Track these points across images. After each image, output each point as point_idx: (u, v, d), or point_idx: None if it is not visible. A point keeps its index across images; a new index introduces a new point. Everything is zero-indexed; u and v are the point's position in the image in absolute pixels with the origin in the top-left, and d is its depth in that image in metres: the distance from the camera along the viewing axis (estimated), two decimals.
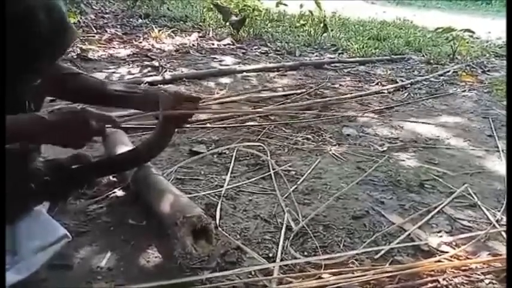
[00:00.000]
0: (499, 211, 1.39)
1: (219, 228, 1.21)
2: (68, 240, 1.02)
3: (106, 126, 1.04)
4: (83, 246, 1.12)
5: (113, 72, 2.82)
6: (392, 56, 3.84)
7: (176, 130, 1.36)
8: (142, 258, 1.10)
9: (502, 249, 1.20)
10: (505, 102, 2.65)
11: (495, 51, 4.35)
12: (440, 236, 1.25)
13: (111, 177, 1.42)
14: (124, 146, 1.43)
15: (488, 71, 3.57)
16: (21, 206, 1.01)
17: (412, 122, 2.23)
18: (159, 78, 2.65)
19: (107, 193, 1.35)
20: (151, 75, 2.75)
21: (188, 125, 1.94)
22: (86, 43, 3.25)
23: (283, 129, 2.03)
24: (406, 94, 2.75)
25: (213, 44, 3.84)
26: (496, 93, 2.83)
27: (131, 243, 1.15)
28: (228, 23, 4.17)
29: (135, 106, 1.28)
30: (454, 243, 1.21)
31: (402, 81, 3.05)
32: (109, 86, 1.27)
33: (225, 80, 2.82)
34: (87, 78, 1.28)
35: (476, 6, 10.71)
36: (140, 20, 4.67)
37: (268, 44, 4.01)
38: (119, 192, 1.37)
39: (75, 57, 3.03)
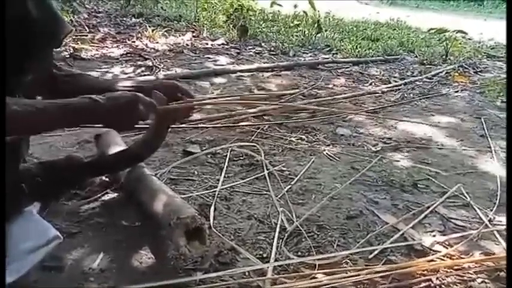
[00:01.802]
0: (491, 210, 1.40)
1: (213, 229, 1.21)
2: (60, 241, 1.01)
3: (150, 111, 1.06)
4: (74, 247, 1.11)
5: (106, 72, 2.80)
6: (386, 56, 3.86)
7: (169, 130, 1.35)
8: (135, 259, 1.09)
9: (494, 248, 1.21)
10: (497, 103, 2.68)
11: (487, 52, 4.40)
12: (434, 236, 1.26)
13: (103, 178, 1.40)
14: (117, 146, 1.42)
15: (481, 71, 3.61)
16: (12, 207, 1.00)
17: (405, 121, 2.24)
18: (152, 78, 2.63)
19: (100, 194, 1.34)
20: (145, 75, 2.74)
21: (182, 125, 1.94)
22: (79, 42, 3.22)
23: (277, 129, 2.03)
24: (399, 94, 2.76)
25: (207, 44, 3.84)
26: (488, 94, 2.86)
27: (124, 244, 1.14)
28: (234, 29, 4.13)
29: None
30: (447, 243, 1.22)
31: (396, 81, 3.07)
32: (114, 83, 1.27)
33: (219, 80, 2.81)
34: (88, 77, 1.29)
35: (468, 7, 10.83)
36: (134, 19, 4.64)
37: (263, 44, 4.02)
38: (112, 193, 1.36)
39: (68, 56, 3.00)
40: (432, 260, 1.12)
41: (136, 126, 1.03)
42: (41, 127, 0.94)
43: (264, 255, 1.13)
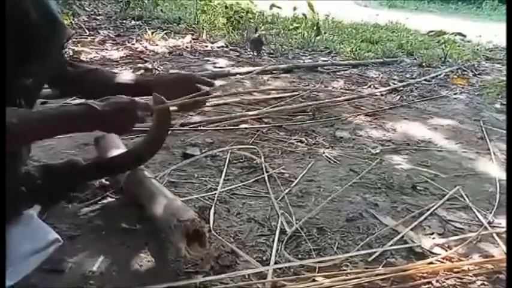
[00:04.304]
0: (490, 213, 1.40)
1: (213, 232, 1.21)
2: (60, 245, 1.01)
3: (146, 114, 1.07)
4: (74, 250, 1.11)
5: None
6: (385, 58, 3.86)
7: (169, 132, 1.35)
8: (135, 262, 1.09)
9: (494, 251, 1.21)
10: (496, 105, 2.69)
11: (486, 55, 4.41)
12: (433, 238, 1.26)
13: (103, 181, 1.41)
14: (117, 148, 1.42)
15: (479, 74, 3.62)
16: (12, 210, 1.00)
17: (404, 124, 2.25)
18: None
19: (99, 196, 1.34)
20: None
21: (183, 127, 1.94)
22: (79, 45, 3.23)
23: (277, 131, 2.03)
24: (398, 97, 2.77)
25: (206, 46, 3.84)
26: (487, 96, 2.87)
27: (124, 247, 1.14)
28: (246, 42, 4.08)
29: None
30: (446, 245, 1.22)
31: (395, 83, 3.08)
32: (131, 77, 1.30)
33: (218, 82, 2.80)
34: (105, 72, 1.33)
35: (467, 10, 10.86)
36: (133, 22, 4.65)
37: (262, 47, 4.02)
38: (112, 196, 1.36)
39: (67, 59, 3.00)
40: (432, 263, 1.13)
41: (135, 129, 1.05)
42: (38, 136, 0.95)
43: (264, 258, 1.13)
